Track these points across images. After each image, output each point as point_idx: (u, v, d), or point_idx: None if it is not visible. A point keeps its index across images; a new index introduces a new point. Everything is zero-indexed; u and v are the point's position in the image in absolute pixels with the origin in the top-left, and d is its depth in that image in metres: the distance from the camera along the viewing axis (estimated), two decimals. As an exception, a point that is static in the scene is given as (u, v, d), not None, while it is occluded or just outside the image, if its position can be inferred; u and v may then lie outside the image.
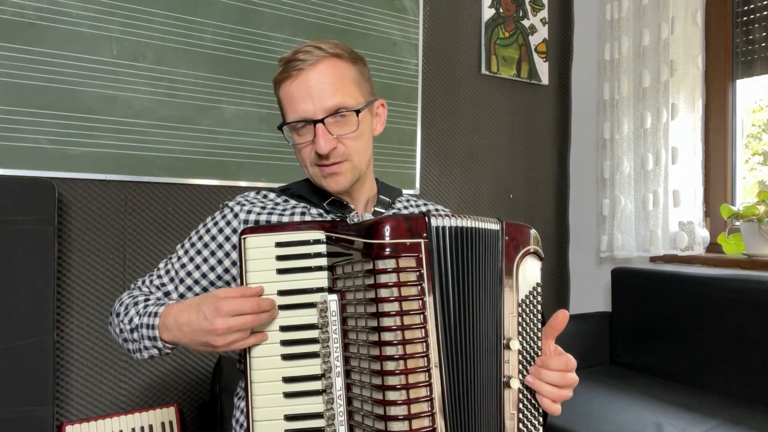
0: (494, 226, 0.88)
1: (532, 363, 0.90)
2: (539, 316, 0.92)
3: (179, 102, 2.03)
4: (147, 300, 1.03)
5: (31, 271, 1.70)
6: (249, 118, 2.16)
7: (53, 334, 1.71)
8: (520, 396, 0.88)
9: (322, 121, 1.00)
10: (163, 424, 1.94)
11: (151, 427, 1.92)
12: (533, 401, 0.90)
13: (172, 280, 1.11)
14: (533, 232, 0.93)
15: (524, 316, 0.90)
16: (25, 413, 1.66)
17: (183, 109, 2.04)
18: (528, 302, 0.91)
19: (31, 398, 1.67)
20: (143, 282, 1.13)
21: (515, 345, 0.86)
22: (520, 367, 0.88)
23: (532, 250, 0.92)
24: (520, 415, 0.87)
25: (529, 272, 0.92)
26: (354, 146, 1.05)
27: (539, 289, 0.93)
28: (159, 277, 1.12)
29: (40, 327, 1.70)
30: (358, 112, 1.03)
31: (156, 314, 0.95)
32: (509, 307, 0.88)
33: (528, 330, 0.90)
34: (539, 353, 0.91)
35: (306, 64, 1.01)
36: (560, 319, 0.92)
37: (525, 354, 0.89)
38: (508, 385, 0.86)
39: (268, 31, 2.20)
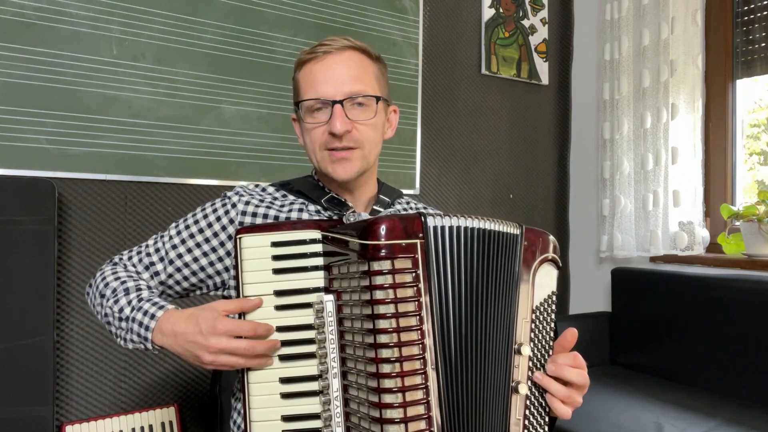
0: (512, 230, 0.87)
1: (542, 370, 0.89)
2: (552, 325, 0.91)
3: (179, 102, 2.04)
4: (139, 289, 1.01)
5: (31, 271, 1.70)
6: (249, 118, 2.17)
7: (53, 334, 1.72)
8: (527, 403, 0.86)
9: (341, 102, 1.02)
10: (163, 424, 1.94)
11: (151, 427, 1.92)
12: (540, 408, 0.88)
13: (161, 259, 1.09)
14: (552, 239, 0.92)
15: (537, 323, 0.89)
16: (25, 413, 1.66)
17: (183, 109, 2.04)
18: (542, 309, 0.90)
19: (31, 398, 1.67)
20: (129, 258, 1.10)
21: (526, 350, 0.85)
22: (530, 373, 0.87)
23: (550, 258, 0.91)
24: (526, 422, 0.85)
25: (546, 279, 0.91)
26: (367, 134, 1.05)
27: (554, 298, 0.93)
28: (148, 255, 1.10)
29: (40, 327, 1.70)
30: (378, 99, 1.06)
31: (153, 316, 0.94)
32: (523, 312, 0.87)
33: (540, 337, 0.89)
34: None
35: (333, 48, 1.04)
36: (569, 338, 0.91)
37: (535, 361, 0.88)
38: (516, 390, 0.85)
39: (268, 31, 2.20)
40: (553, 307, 0.92)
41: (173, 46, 2.02)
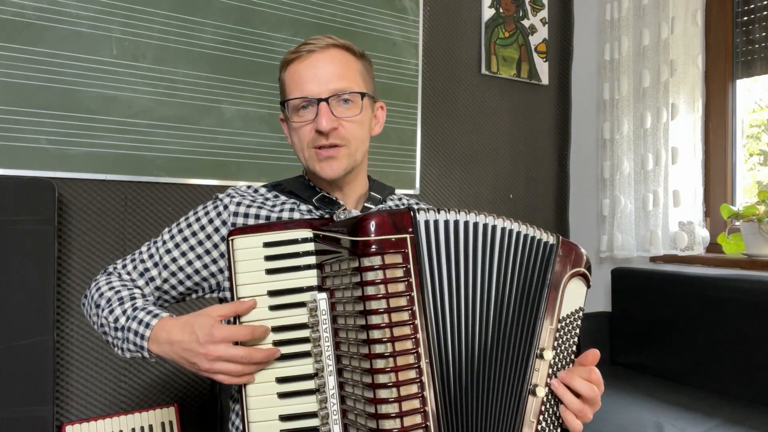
0: (535, 232, 0.87)
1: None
2: (575, 339, 0.91)
3: (179, 102, 2.04)
4: (133, 297, 1.01)
5: (31, 271, 1.70)
6: (249, 118, 2.17)
7: (53, 334, 1.72)
8: (542, 408, 0.85)
9: (326, 100, 1.02)
10: (163, 424, 1.94)
11: (151, 427, 1.92)
12: (554, 417, 0.88)
13: (156, 265, 1.09)
14: (585, 254, 0.92)
15: (561, 333, 0.88)
16: (25, 413, 1.66)
17: (183, 109, 2.05)
18: (568, 321, 0.89)
19: (31, 398, 1.67)
20: (123, 266, 1.11)
21: (548, 355, 0.84)
22: (548, 380, 0.86)
23: (581, 272, 0.91)
24: (539, 427, 0.84)
25: (576, 294, 0.90)
26: (353, 131, 1.06)
27: (581, 314, 0.92)
28: (142, 261, 1.10)
29: (40, 327, 1.70)
30: (363, 95, 1.06)
31: (148, 325, 0.94)
32: (549, 319, 0.86)
33: (563, 348, 0.88)
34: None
35: (317, 47, 1.05)
36: (590, 358, 0.90)
37: (555, 370, 0.87)
38: (533, 392, 0.84)
39: (268, 31, 2.20)
40: (579, 323, 0.91)
41: (173, 46, 2.02)
